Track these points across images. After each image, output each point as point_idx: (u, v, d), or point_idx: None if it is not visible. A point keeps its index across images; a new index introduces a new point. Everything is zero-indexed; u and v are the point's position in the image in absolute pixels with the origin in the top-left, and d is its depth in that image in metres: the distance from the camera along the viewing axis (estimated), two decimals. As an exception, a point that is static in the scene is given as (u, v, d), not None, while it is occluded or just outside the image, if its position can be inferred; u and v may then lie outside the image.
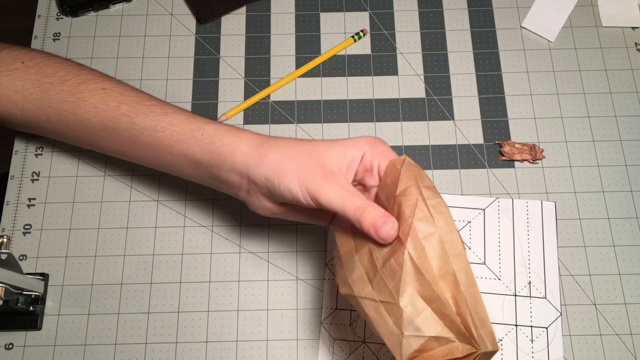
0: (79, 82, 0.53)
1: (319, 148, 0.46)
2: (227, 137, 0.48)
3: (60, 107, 0.53)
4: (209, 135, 0.49)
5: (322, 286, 0.56)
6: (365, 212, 0.42)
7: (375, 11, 0.68)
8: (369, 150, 0.46)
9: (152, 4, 0.68)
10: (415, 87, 0.64)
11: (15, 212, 0.58)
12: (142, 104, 0.52)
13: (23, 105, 0.54)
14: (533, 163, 0.61)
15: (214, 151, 0.48)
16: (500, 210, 0.59)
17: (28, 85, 0.54)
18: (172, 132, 0.50)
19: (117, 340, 0.54)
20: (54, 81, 0.53)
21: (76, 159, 0.61)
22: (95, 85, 0.53)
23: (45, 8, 0.67)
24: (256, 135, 0.48)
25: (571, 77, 0.65)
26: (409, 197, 0.42)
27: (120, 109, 0.52)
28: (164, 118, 0.51)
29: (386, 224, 0.42)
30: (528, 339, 0.54)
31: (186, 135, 0.50)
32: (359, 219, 0.42)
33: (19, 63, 0.54)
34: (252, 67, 0.65)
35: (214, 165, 0.49)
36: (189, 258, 0.57)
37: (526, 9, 0.68)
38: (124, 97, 0.52)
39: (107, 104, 0.52)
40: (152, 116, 0.51)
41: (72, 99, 0.53)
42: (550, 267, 0.57)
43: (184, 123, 0.50)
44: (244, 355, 0.54)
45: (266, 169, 0.46)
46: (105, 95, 0.52)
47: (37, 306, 0.54)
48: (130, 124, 0.51)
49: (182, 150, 0.50)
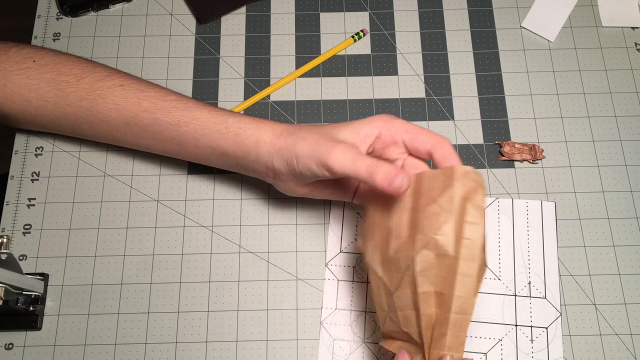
0: (96, 79, 0.54)
1: (333, 128, 0.48)
2: (250, 128, 0.50)
3: (79, 105, 0.54)
4: (232, 127, 0.51)
5: (322, 286, 0.56)
6: (377, 168, 0.44)
7: (375, 11, 0.68)
8: (384, 127, 0.48)
9: (152, 4, 0.68)
10: (415, 87, 0.64)
11: (15, 212, 0.58)
12: (163, 100, 0.53)
13: (38, 104, 0.55)
14: (533, 163, 0.61)
15: (239, 143, 0.51)
16: (500, 210, 0.59)
17: (43, 84, 0.54)
18: (195, 126, 0.52)
19: (117, 340, 0.54)
20: (69, 79, 0.54)
21: (76, 159, 0.61)
22: (113, 82, 0.54)
23: (45, 8, 0.67)
24: (277, 125, 0.50)
25: (571, 77, 0.65)
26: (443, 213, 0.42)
27: (141, 105, 0.53)
28: (186, 113, 0.52)
29: (398, 175, 0.43)
30: (528, 339, 0.54)
31: (210, 129, 0.51)
32: (372, 176, 0.44)
33: (31, 62, 0.54)
34: (252, 67, 0.65)
35: (240, 156, 0.51)
36: (189, 258, 0.57)
37: (526, 9, 0.68)
38: (143, 94, 0.53)
39: (128, 101, 0.53)
40: (174, 111, 0.52)
41: (91, 97, 0.53)
42: (550, 267, 0.57)
43: (207, 117, 0.52)
44: (244, 355, 0.54)
45: (285, 154, 0.48)
46: (124, 92, 0.53)
47: (37, 306, 0.54)
48: (153, 119, 0.53)
49: (208, 143, 0.52)
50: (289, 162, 0.48)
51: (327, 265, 0.57)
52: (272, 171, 0.51)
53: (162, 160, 0.61)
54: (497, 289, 0.56)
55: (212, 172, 0.60)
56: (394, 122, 0.48)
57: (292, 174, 0.49)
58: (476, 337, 0.54)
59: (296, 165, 0.48)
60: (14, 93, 0.54)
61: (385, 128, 0.48)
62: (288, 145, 0.48)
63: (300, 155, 0.47)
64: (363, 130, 0.48)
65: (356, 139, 0.47)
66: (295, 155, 0.48)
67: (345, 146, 0.46)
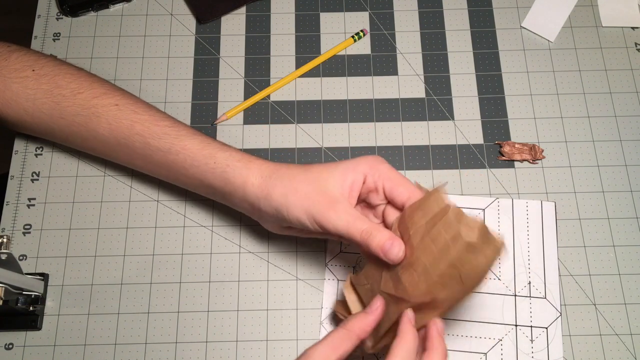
0: (92, 96, 0.54)
1: (320, 175, 0.48)
2: (237, 167, 0.50)
3: (73, 120, 0.54)
4: (220, 164, 0.50)
5: (322, 286, 0.56)
6: (371, 236, 0.44)
7: (375, 11, 0.68)
8: (370, 172, 0.47)
9: (152, 4, 0.68)
10: (415, 87, 0.64)
11: (15, 212, 0.58)
12: (155, 124, 0.53)
13: (34, 114, 0.55)
14: (533, 163, 0.61)
15: (226, 180, 0.50)
16: (500, 211, 0.58)
17: (40, 95, 0.54)
18: (185, 156, 0.52)
19: (117, 340, 0.54)
20: (66, 93, 0.54)
21: (76, 159, 0.61)
22: (109, 101, 0.54)
23: (45, 8, 0.67)
24: (265, 166, 0.50)
25: (571, 77, 0.65)
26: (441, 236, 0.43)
27: (134, 128, 0.53)
28: (177, 142, 0.52)
29: (393, 246, 0.44)
30: (528, 339, 0.54)
31: (199, 162, 0.51)
32: (367, 242, 0.44)
33: (30, 71, 0.54)
34: (252, 67, 0.65)
35: (227, 193, 0.51)
36: (189, 258, 0.57)
37: (526, 9, 0.68)
38: (137, 116, 0.53)
39: (121, 122, 0.53)
40: (165, 138, 0.52)
41: (85, 113, 0.53)
42: (550, 267, 0.57)
43: (197, 148, 0.51)
44: (244, 355, 0.54)
45: (275, 202, 0.48)
46: (118, 112, 0.53)
47: (37, 306, 0.54)
48: (144, 143, 0.53)
49: (196, 175, 0.52)
50: (278, 210, 0.48)
51: (327, 265, 0.57)
52: (257, 212, 0.51)
53: (162, 160, 0.61)
54: (497, 289, 0.56)
55: (212, 172, 0.60)
56: (379, 168, 0.47)
57: (279, 219, 0.49)
58: (476, 337, 0.54)
59: (286, 215, 0.48)
60: (12, 100, 0.54)
61: (370, 174, 0.47)
62: (278, 196, 0.48)
63: (291, 207, 0.47)
64: (350, 176, 0.47)
65: (344, 189, 0.47)
66: (286, 207, 0.47)
67: (339, 207, 0.46)
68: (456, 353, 0.54)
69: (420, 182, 0.59)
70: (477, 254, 0.41)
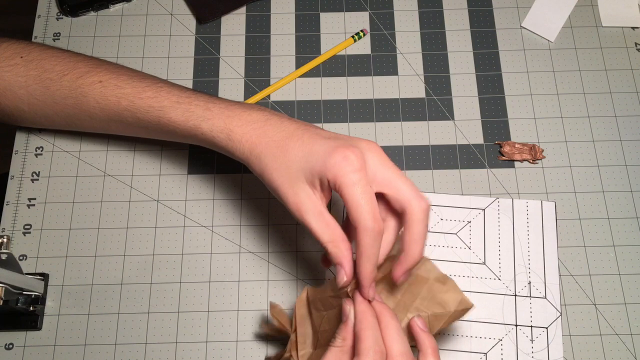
0: (76, 76, 0.54)
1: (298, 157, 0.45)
2: (222, 140, 0.49)
3: (65, 103, 0.54)
4: (206, 136, 0.50)
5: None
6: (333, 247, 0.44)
7: (375, 11, 0.68)
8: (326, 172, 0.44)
9: (152, 4, 0.68)
10: (415, 87, 0.64)
11: (15, 212, 0.58)
12: (139, 98, 0.52)
13: (29, 101, 0.55)
14: (533, 163, 0.61)
15: (216, 145, 0.50)
16: (500, 211, 0.59)
17: (30, 81, 0.54)
18: (174, 128, 0.52)
19: (117, 340, 0.54)
20: (53, 77, 0.54)
21: (76, 159, 0.61)
22: (92, 79, 0.53)
23: (45, 8, 0.67)
24: (245, 139, 0.48)
25: (571, 77, 0.65)
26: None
27: (121, 104, 0.53)
28: (162, 115, 0.52)
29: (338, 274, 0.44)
30: (528, 339, 0.54)
31: (187, 132, 0.51)
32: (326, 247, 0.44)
33: (18, 58, 0.54)
34: (252, 67, 0.65)
35: (221, 149, 0.51)
36: (189, 258, 0.57)
37: (526, 9, 0.68)
38: (121, 90, 0.53)
39: (108, 99, 0.53)
40: (151, 112, 0.52)
41: (74, 94, 0.54)
42: (550, 267, 0.57)
43: (181, 120, 0.51)
44: (244, 355, 0.54)
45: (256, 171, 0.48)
46: (103, 89, 0.53)
47: (37, 306, 0.54)
48: (135, 118, 0.53)
49: (189, 140, 0.53)
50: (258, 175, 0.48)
51: (327, 265, 0.57)
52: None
53: (162, 160, 0.61)
54: (497, 289, 0.56)
55: (212, 172, 0.60)
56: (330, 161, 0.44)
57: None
58: (476, 337, 0.54)
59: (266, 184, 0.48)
60: (6, 90, 0.54)
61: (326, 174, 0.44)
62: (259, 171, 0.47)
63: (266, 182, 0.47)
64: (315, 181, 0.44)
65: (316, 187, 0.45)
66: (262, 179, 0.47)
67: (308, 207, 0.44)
68: (456, 353, 0.54)
69: (420, 182, 0.60)
70: None
